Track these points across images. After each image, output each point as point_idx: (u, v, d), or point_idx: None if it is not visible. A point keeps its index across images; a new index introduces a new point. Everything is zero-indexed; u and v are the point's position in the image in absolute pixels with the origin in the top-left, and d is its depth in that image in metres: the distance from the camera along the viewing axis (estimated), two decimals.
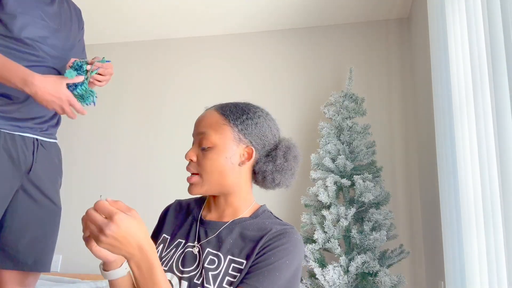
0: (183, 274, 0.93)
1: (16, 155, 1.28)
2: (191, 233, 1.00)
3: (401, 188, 2.82)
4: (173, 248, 1.00)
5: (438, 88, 1.78)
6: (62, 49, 1.41)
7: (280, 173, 0.99)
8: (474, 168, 1.41)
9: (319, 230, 2.32)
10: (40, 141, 1.39)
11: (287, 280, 0.89)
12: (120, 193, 3.16)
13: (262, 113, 1.02)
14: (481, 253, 1.33)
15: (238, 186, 0.99)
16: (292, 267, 0.90)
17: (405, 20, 3.06)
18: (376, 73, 3.02)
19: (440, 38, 1.73)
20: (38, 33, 1.31)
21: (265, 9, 2.97)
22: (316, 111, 2.99)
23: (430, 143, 2.29)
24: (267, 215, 1.01)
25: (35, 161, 1.34)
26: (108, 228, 0.73)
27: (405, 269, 2.62)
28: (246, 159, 0.98)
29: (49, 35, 1.35)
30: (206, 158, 0.96)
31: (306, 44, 3.18)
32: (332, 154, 2.50)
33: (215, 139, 0.96)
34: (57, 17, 1.40)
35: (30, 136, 1.34)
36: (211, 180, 0.96)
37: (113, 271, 0.89)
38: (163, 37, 3.43)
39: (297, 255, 0.91)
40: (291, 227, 0.96)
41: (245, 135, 0.98)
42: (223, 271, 0.90)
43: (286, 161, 0.99)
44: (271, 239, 0.91)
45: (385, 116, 2.94)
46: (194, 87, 3.31)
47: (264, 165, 0.99)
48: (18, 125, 1.30)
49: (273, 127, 1.03)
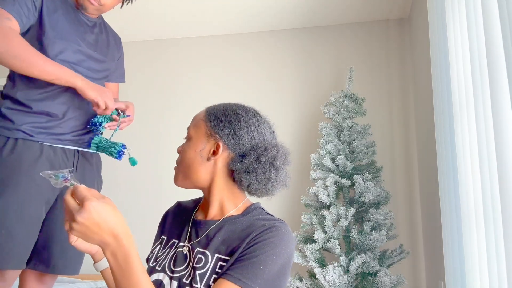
0: (174, 274, 0.93)
1: (58, 165, 1.37)
2: (183, 233, 1.00)
3: (401, 188, 2.82)
4: (167, 248, 1.01)
5: (438, 88, 1.78)
6: (98, 72, 1.52)
7: (248, 174, 0.93)
8: (474, 168, 1.41)
9: (319, 230, 2.32)
10: (82, 152, 1.47)
11: (273, 275, 0.86)
12: (125, 197, 3.16)
13: (246, 115, 1.00)
14: (481, 253, 1.33)
15: (213, 182, 0.98)
16: (279, 261, 0.87)
17: (405, 20, 3.06)
18: (376, 73, 3.02)
19: (440, 38, 1.73)
20: (74, 57, 1.42)
21: (265, 9, 2.97)
22: (316, 111, 2.99)
23: (430, 143, 2.29)
24: (258, 212, 0.98)
25: (75, 171, 1.43)
26: (79, 215, 0.70)
27: (405, 269, 2.62)
28: (212, 155, 0.97)
29: (85, 58, 1.46)
30: (183, 150, 1.02)
31: (306, 44, 3.18)
32: (332, 154, 2.50)
33: (192, 132, 1.01)
34: (94, 45, 1.51)
35: (71, 148, 1.43)
36: (182, 171, 1.00)
37: (98, 263, 0.91)
38: (163, 37, 3.43)
39: (284, 249, 0.88)
40: (280, 222, 0.93)
41: (216, 131, 0.98)
42: (210, 270, 0.89)
43: (258, 162, 0.93)
44: (258, 233, 0.89)
45: (385, 116, 2.94)
46: (194, 87, 3.31)
47: (234, 163, 0.95)
48: (59, 139, 1.39)
49: (256, 129, 0.99)
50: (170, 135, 3.22)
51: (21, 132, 1.33)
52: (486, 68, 1.23)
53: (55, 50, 1.37)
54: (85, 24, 1.51)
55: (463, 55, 1.51)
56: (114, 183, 3.16)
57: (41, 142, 1.36)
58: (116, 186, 3.16)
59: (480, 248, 1.34)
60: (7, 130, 1.33)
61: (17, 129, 1.33)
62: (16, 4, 1.30)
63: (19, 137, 1.33)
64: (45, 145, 1.36)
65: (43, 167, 1.33)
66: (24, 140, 1.33)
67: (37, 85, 1.36)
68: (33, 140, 1.34)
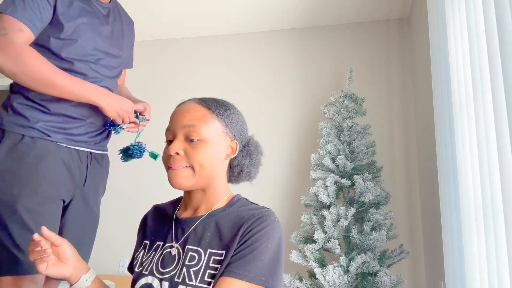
0: (164, 275, 0.93)
1: (74, 168, 1.33)
2: (169, 234, 1.00)
3: (401, 188, 2.82)
4: (152, 251, 1.00)
5: (438, 88, 1.78)
6: (114, 69, 1.47)
7: (254, 167, 1.04)
8: (474, 168, 1.41)
9: (319, 230, 2.32)
10: (94, 154, 1.43)
11: (274, 261, 0.91)
12: (124, 196, 3.16)
13: (235, 108, 1.05)
14: (481, 253, 1.33)
15: (218, 180, 1.00)
16: (275, 248, 0.91)
17: (405, 20, 3.06)
18: (376, 73, 3.02)
19: (440, 38, 1.73)
20: (91, 56, 1.36)
21: (265, 9, 2.97)
22: (316, 111, 2.99)
23: (430, 143, 2.29)
24: (242, 203, 1.00)
25: (88, 174, 1.40)
26: None
27: (405, 269, 2.62)
28: (231, 153, 0.99)
29: (102, 56, 1.41)
30: (198, 151, 0.94)
31: (306, 44, 3.18)
32: (332, 154, 2.50)
33: (206, 132, 0.95)
34: (110, 38, 1.45)
35: (84, 150, 1.39)
36: (202, 173, 0.95)
37: (75, 286, 0.93)
38: (163, 37, 3.43)
39: (276, 236, 0.93)
40: (267, 210, 0.96)
41: (231, 129, 0.99)
42: (204, 265, 0.90)
43: (259, 155, 1.05)
44: (250, 225, 0.91)
45: (385, 116, 2.94)
46: (194, 87, 3.31)
47: (242, 159, 1.01)
48: (74, 140, 1.34)
49: (245, 122, 1.06)
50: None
51: (37, 130, 1.26)
52: (486, 68, 1.23)
53: (71, 51, 1.31)
54: (100, 14, 1.42)
55: (463, 55, 1.51)
56: (114, 183, 3.16)
57: (57, 143, 1.30)
58: (115, 186, 3.16)
59: (480, 248, 1.34)
60: (21, 127, 1.26)
61: (32, 127, 1.26)
62: (28, 8, 1.22)
63: (34, 135, 1.26)
64: (61, 146, 1.31)
65: (60, 169, 1.28)
66: (41, 140, 1.26)
67: None
68: (50, 140, 1.28)
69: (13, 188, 1.20)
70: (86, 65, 1.35)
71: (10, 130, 1.25)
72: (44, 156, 1.26)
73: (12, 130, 1.25)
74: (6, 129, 1.26)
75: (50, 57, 1.29)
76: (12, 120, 1.27)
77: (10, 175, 1.21)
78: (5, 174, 1.21)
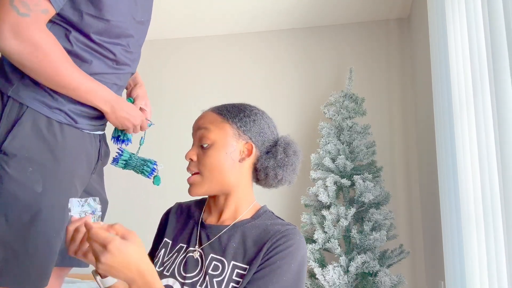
0: (186, 279, 0.92)
1: (93, 158, 1.18)
2: (192, 237, 0.99)
3: (401, 188, 2.82)
4: (175, 253, 0.99)
5: (438, 88, 1.78)
6: (135, 62, 1.24)
7: (282, 168, 0.99)
8: (474, 168, 1.41)
9: (319, 230, 2.32)
10: (101, 136, 1.25)
11: (295, 280, 0.90)
12: (122, 195, 3.16)
13: (258, 111, 1.03)
14: (481, 253, 1.33)
15: (239, 185, 0.98)
16: (296, 268, 0.91)
17: (405, 20, 3.06)
18: (376, 73, 3.02)
19: (440, 38, 1.73)
20: (125, 39, 1.13)
21: (265, 9, 2.97)
22: (316, 111, 2.99)
23: (430, 143, 2.29)
24: (268, 216, 1.00)
25: (100, 160, 1.23)
26: (103, 256, 0.72)
27: (405, 269, 2.62)
28: (246, 156, 0.98)
29: (134, 33, 1.16)
30: (206, 155, 0.96)
31: (306, 44, 3.18)
32: (332, 154, 2.50)
33: (215, 135, 0.96)
34: (141, 12, 1.17)
35: (100, 133, 1.22)
36: (212, 178, 0.96)
37: (106, 279, 0.90)
38: (163, 37, 3.43)
39: (300, 255, 0.92)
40: (293, 228, 0.95)
41: (244, 131, 0.98)
42: (227, 277, 0.89)
43: (287, 156, 0.99)
44: (275, 242, 0.91)
45: (385, 116, 2.94)
46: (194, 87, 3.31)
47: (265, 161, 0.99)
48: (94, 124, 1.15)
49: (270, 124, 1.04)
50: (170, 135, 3.22)
51: (64, 114, 1.04)
52: (486, 68, 1.23)
53: (112, 31, 1.07)
54: None
55: (463, 55, 1.51)
56: (114, 183, 3.16)
57: (83, 130, 1.10)
58: (117, 187, 3.16)
59: (480, 248, 1.34)
60: (47, 108, 1.01)
61: (60, 109, 1.03)
62: None
63: (62, 121, 1.04)
64: (85, 133, 1.11)
65: (83, 163, 1.11)
66: (69, 127, 1.06)
67: None
68: (77, 127, 1.08)
69: (36, 185, 0.98)
70: (121, 49, 1.13)
71: (32, 107, 1.00)
72: (71, 150, 1.06)
73: (35, 108, 1.00)
74: (25, 103, 0.99)
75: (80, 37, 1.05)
76: (33, 95, 1.00)
77: (35, 166, 0.99)
78: (27, 164, 0.97)
